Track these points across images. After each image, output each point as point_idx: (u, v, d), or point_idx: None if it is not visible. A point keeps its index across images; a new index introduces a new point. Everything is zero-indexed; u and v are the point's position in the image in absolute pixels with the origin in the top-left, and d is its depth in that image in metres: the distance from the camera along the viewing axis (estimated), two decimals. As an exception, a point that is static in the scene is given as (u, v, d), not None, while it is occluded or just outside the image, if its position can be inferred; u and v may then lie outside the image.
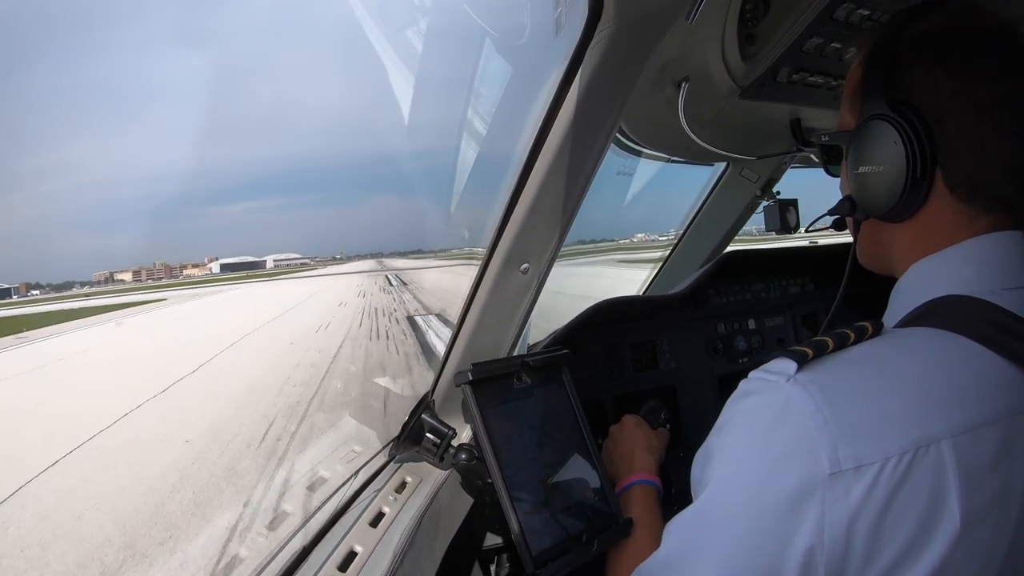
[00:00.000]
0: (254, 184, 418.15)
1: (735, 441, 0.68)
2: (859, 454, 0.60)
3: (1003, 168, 0.70)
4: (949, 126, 0.71)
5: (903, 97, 0.73)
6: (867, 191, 0.78)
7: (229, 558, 4.04)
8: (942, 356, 0.66)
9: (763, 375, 0.67)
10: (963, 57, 0.71)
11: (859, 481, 0.60)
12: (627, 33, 0.86)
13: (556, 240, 1.13)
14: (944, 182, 0.72)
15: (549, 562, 1.01)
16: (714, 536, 0.67)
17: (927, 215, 0.74)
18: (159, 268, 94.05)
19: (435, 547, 1.14)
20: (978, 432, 0.62)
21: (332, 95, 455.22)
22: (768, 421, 0.65)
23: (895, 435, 0.61)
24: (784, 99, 1.37)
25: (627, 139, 1.69)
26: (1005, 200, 0.72)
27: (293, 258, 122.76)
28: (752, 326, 1.91)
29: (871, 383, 0.64)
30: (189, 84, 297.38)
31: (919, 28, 0.74)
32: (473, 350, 1.21)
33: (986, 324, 0.67)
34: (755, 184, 2.16)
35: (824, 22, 1.08)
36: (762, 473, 0.64)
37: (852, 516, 0.60)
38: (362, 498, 1.16)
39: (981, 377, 0.65)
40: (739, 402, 0.69)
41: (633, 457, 1.20)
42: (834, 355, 0.66)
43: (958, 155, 0.71)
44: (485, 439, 1.04)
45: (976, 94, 0.69)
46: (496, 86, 1.27)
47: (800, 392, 0.63)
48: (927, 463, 0.60)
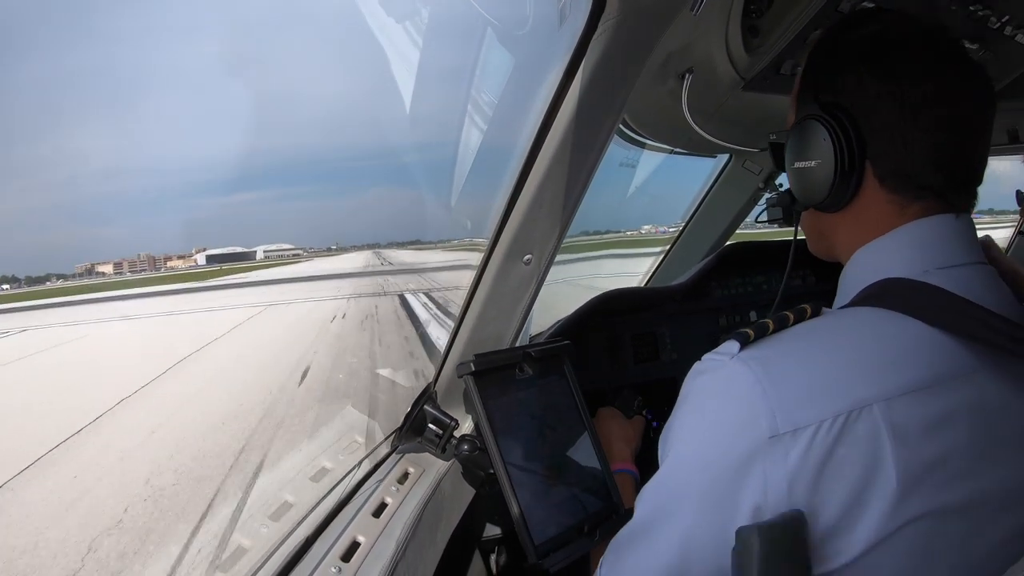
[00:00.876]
0: (251, 175, 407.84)
1: (688, 415, 0.75)
2: (795, 418, 0.65)
3: (926, 159, 0.75)
4: (875, 123, 0.76)
5: (833, 99, 0.79)
6: (803, 184, 0.85)
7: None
8: (876, 329, 0.72)
9: (712, 355, 0.74)
10: (889, 61, 0.76)
11: (796, 443, 0.65)
12: (631, 24, 0.86)
13: (559, 232, 1.13)
14: (874, 174, 0.78)
15: (551, 552, 1.02)
16: (674, 503, 0.73)
17: (861, 205, 0.80)
18: (143, 260, 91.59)
19: (437, 537, 1.15)
20: (912, 396, 0.67)
21: (333, 86, 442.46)
22: (715, 396, 0.72)
23: (829, 400, 0.66)
24: (788, 91, 1.35)
25: (630, 130, 1.69)
26: (932, 188, 0.77)
27: (285, 249, 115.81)
28: (754, 318, 1.91)
29: (807, 355, 0.70)
30: (187, 74, 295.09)
31: (851, 36, 0.81)
32: (475, 341, 1.22)
33: (921, 301, 0.72)
34: (758, 176, 2.15)
35: (828, 15, 1.08)
36: (711, 443, 0.71)
37: (791, 476, 0.65)
38: (364, 488, 1.17)
39: (914, 346, 0.70)
40: (692, 381, 0.75)
41: (610, 448, 1.27)
42: (775, 335, 0.72)
43: (884, 149, 0.77)
44: (487, 430, 1.05)
45: (901, 94, 0.75)
46: (499, 77, 1.26)
47: (742, 367, 0.69)
48: (860, 425, 0.65)
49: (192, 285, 47.64)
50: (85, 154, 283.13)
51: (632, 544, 0.79)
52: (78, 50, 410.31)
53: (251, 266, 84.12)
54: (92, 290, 53.67)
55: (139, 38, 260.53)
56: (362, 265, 45.21)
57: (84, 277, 77.39)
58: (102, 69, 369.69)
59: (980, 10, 1.11)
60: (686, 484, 0.72)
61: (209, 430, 6.67)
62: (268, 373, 9.11)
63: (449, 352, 1.27)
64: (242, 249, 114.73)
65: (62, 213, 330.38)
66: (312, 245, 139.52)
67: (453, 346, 1.25)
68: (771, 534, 0.63)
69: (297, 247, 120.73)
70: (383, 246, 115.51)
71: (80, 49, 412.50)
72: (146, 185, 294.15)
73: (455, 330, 1.24)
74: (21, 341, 19.75)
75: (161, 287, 44.50)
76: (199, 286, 45.53)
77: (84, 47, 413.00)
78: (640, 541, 0.77)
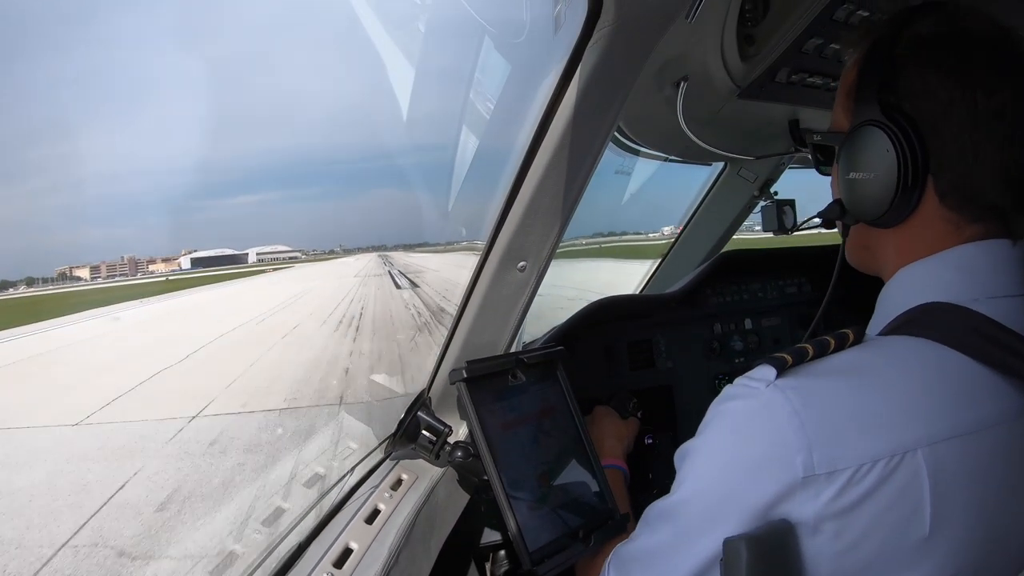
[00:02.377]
0: (254, 178, 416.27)
1: (713, 443, 0.70)
2: (833, 458, 0.61)
3: (995, 177, 0.70)
4: (943, 132, 0.70)
5: (897, 101, 0.72)
6: (857, 197, 0.77)
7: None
8: (923, 365, 0.66)
9: (745, 381, 0.68)
10: (961, 64, 0.70)
11: (830, 486, 0.61)
12: (626, 32, 0.86)
13: (553, 238, 1.13)
14: (935, 189, 0.72)
15: (546, 559, 1.01)
16: (693, 533, 0.69)
17: (916, 222, 0.74)
18: (127, 262, 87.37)
19: (431, 544, 1.14)
20: (956, 441, 0.62)
21: (332, 91, 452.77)
22: (746, 425, 0.66)
23: (871, 441, 0.61)
24: (783, 99, 1.37)
25: (625, 138, 1.69)
26: (995, 209, 0.71)
27: (280, 251, 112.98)
28: (749, 326, 1.91)
29: (849, 390, 0.64)
30: (188, 78, 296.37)
31: (917, 31, 0.73)
32: (469, 348, 1.21)
33: (968, 333, 0.67)
34: (753, 184, 2.16)
35: (824, 23, 1.08)
36: (737, 477, 0.66)
37: (817, 519, 0.61)
38: (358, 495, 1.16)
39: (961, 387, 0.65)
40: (720, 405, 0.70)
41: (602, 444, 1.27)
42: (814, 362, 0.67)
43: (950, 163, 0.70)
44: (481, 436, 1.04)
45: (973, 102, 0.68)
46: (495, 83, 1.27)
47: (778, 396, 0.64)
48: (901, 471, 0.60)
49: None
50: (84, 156, 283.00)
51: (642, 565, 0.75)
52: (74, 53, 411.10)
53: (239, 272, 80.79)
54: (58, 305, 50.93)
55: (137, 40, 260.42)
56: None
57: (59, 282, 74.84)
58: (100, 71, 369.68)
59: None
60: (708, 516, 0.67)
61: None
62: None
63: (443, 359, 1.26)
64: (232, 251, 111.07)
65: (61, 214, 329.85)
66: (312, 247, 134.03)
67: (447, 353, 1.25)
68: (759, 546, 0.61)
69: (294, 249, 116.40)
70: (390, 248, 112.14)
71: (77, 52, 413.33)
72: (142, 187, 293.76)
73: (449, 336, 1.24)
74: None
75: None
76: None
77: (81, 51, 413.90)
78: (651, 565, 0.74)
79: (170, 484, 6.55)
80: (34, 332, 25.99)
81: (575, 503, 1.12)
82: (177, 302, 39.07)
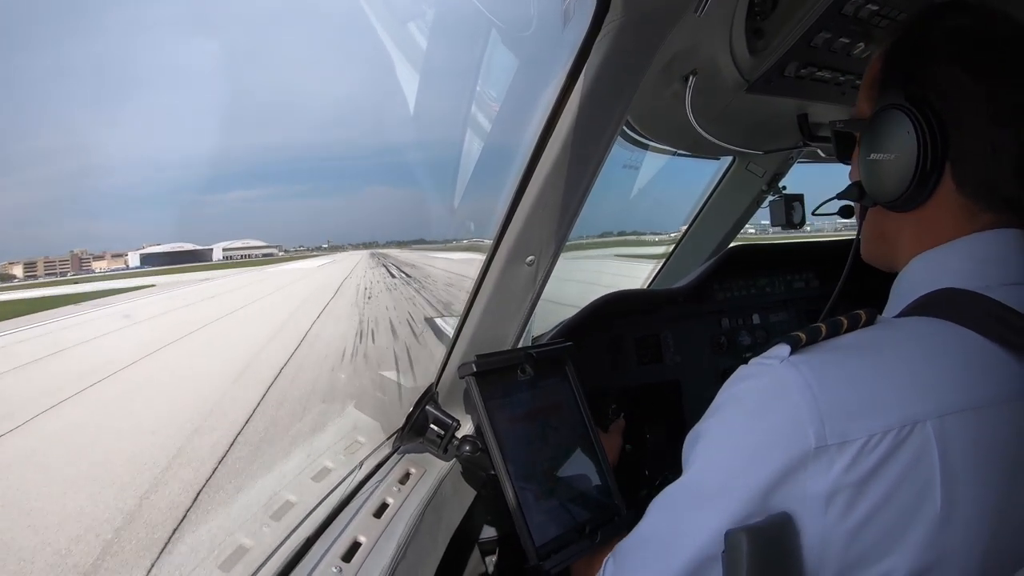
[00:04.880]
0: (253, 172, 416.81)
1: (726, 422, 0.70)
2: (844, 430, 0.62)
3: (1013, 170, 0.71)
4: (965, 124, 0.71)
5: (922, 91, 0.73)
6: (876, 178, 0.79)
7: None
8: (935, 341, 0.68)
9: (760, 360, 0.69)
10: (987, 59, 0.71)
11: (841, 457, 0.61)
12: (635, 26, 0.86)
13: (562, 233, 1.13)
14: (952, 176, 0.73)
15: (552, 554, 1.02)
16: (693, 516, 0.69)
17: (932, 207, 0.75)
18: (76, 257, 75.10)
19: (438, 538, 1.14)
20: (968, 414, 0.63)
21: (338, 85, 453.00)
22: (759, 401, 0.67)
23: (880, 413, 0.62)
24: (791, 94, 1.36)
25: (634, 132, 1.69)
26: (1010, 200, 0.73)
27: (254, 246, 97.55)
28: (756, 321, 1.91)
29: (861, 365, 0.66)
30: (184, 71, 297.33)
31: (946, 25, 0.75)
32: (477, 342, 1.22)
33: (983, 315, 0.68)
34: (761, 179, 2.15)
35: (833, 17, 1.07)
36: (748, 452, 0.66)
37: (831, 491, 0.62)
38: (366, 489, 1.17)
39: (974, 363, 0.66)
40: (734, 385, 0.71)
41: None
42: (828, 341, 0.68)
43: (970, 153, 0.72)
44: (489, 431, 1.05)
45: (996, 97, 0.70)
46: (503, 78, 1.26)
47: (791, 371, 0.65)
48: (911, 442, 0.61)
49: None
50: (74, 148, 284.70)
51: (639, 552, 0.75)
52: (65, 45, 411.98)
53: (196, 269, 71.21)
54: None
55: (129, 33, 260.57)
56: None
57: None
58: (89, 64, 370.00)
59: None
60: (716, 491, 0.68)
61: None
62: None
63: (451, 353, 1.27)
64: (193, 247, 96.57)
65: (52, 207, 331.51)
66: (294, 243, 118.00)
67: (455, 347, 1.25)
68: (760, 537, 0.62)
69: (269, 244, 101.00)
70: (381, 245, 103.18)
71: (69, 44, 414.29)
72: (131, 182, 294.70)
73: (457, 331, 1.24)
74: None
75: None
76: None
77: (71, 42, 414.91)
78: (648, 551, 0.74)
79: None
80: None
81: (581, 498, 1.12)
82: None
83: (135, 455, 6.56)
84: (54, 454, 7.23)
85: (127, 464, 6.40)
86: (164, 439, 6.94)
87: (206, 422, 7.44)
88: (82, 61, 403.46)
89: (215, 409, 7.96)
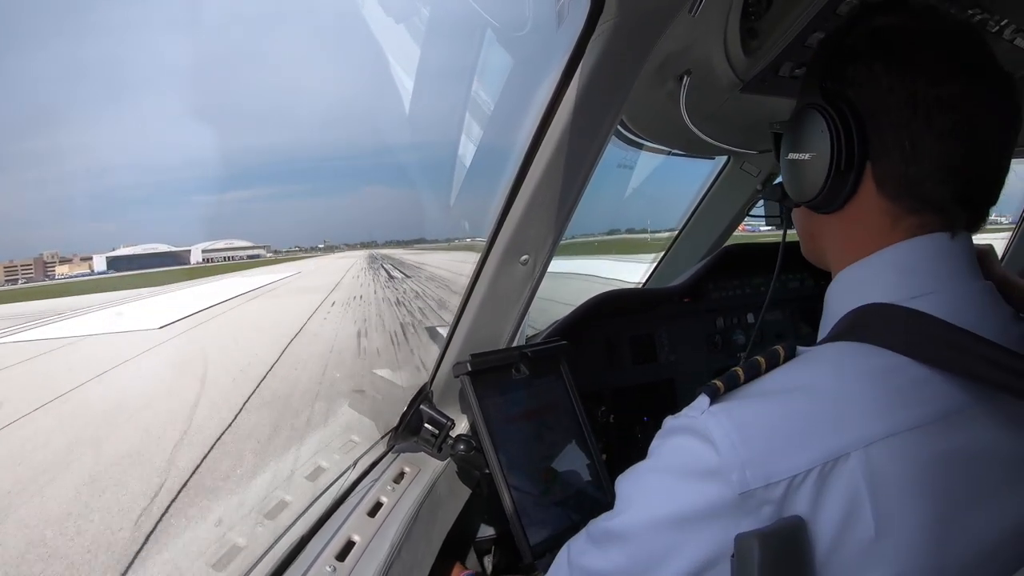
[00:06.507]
0: (249, 172, 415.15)
1: (653, 469, 0.71)
2: (768, 473, 0.61)
3: (934, 167, 0.69)
4: (882, 120, 0.70)
5: (840, 88, 0.73)
6: (794, 178, 0.79)
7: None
8: (858, 370, 0.66)
9: (685, 411, 0.69)
10: (907, 54, 0.69)
11: (768, 496, 0.61)
12: (629, 26, 0.86)
13: (556, 232, 1.13)
14: (873, 176, 0.72)
15: (547, 552, 1.02)
16: (648, 563, 0.69)
17: (854, 210, 0.74)
18: (40, 261, 68.62)
19: (432, 537, 1.14)
20: (893, 440, 0.62)
21: (332, 85, 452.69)
22: (684, 451, 0.67)
23: (804, 452, 0.62)
24: (786, 93, 1.36)
25: (628, 131, 1.69)
26: (933, 201, 0.71)
27: (238, 247, 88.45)
28: (751, 320, 1.91)
29: (780, 408, 0.65)
30: (176, 70, 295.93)
31: (872, 24, 0.73)
32: (472, 341, 1.22)
33: (907, 332, 0.67)
34: (756, 178, 2.15)
35: (827, 17, 1.08)
36: (672, 496, 0.67)
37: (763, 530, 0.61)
38: (360, 488, 1.17)
39: (899, 387, 0.65)
40: (661, 437, 0.71)
41: None
42: (746, 386, 0.68)
43: (888, 150, 0.70)
44: (483, 430, 1.05)
45: (915, 91, 0.68)
46: (497, 77, 1.26)
47: (710, 421, 0.64)
48: (836, 475, 0.61)
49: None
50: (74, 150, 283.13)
51: (596, 545, 0.77)
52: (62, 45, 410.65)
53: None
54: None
55: (125, 32, 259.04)
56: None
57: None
58: (86, 63, 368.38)
59: (978, 13, 1.11)
60: (662, 545, 0.67)
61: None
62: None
63: (446, 352, 1.27)
64: (169, 248, 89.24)
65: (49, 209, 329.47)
66: (290, 244, 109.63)
67: (450, 346, 1.25)
68: (771, 541, 0.61)
69: (255, 244, 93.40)
70: (380, 245, 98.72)
71: (66, 44, 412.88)
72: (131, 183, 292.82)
73: (452, 330, 1.24)
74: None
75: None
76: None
77: (66, 42, 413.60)
78: (601, 548, 0.76)
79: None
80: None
81: (576, 497, 1.12)
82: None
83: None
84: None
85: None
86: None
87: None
88: (71, 61, 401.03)
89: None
